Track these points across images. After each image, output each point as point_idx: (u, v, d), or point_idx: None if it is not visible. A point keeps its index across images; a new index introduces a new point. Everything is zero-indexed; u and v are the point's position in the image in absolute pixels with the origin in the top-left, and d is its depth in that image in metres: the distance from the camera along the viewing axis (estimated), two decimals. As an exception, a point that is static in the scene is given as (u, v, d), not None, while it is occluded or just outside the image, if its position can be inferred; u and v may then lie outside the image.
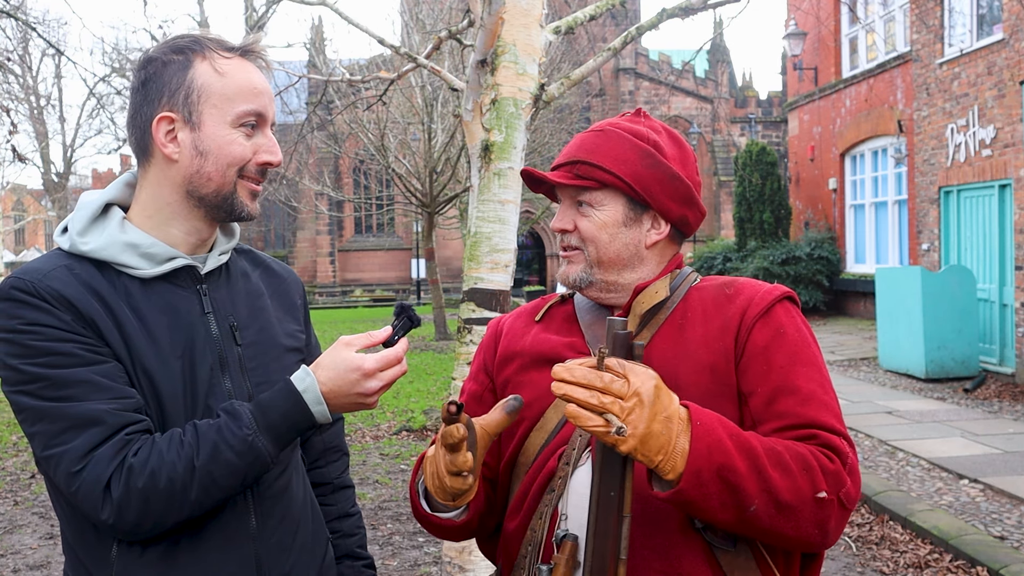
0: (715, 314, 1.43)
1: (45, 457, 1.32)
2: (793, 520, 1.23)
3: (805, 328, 1.44)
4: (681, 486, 1.19)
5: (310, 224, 34.54)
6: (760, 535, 1.27)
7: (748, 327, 1.40)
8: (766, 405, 1.35)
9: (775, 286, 1.47)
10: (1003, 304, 10.67)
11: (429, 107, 15.63)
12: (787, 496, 1.22)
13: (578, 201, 1.48)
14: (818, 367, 1.39)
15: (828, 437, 1.30)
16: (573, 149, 1.49)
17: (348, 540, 1.75)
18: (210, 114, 1.42)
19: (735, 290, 1.46)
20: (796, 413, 1.33)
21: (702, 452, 1.19)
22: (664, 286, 1.47)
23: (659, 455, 1.18)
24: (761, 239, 18.23)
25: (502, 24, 2.95)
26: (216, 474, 1.33)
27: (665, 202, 1.47)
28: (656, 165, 1.46)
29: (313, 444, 1.74)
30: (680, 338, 1.42)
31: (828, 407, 1.35)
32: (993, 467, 6.54)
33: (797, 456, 1.25)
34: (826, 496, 1.24)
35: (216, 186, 1.44)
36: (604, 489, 1.20)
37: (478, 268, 3.04)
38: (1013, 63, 10.32)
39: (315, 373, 1.39)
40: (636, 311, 1.46)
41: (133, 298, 1.40)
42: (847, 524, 5.56)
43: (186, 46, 1.44)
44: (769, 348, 1.38)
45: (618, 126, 1.50)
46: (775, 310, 1.42)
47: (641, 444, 1.16)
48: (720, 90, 35.09)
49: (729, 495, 1.21)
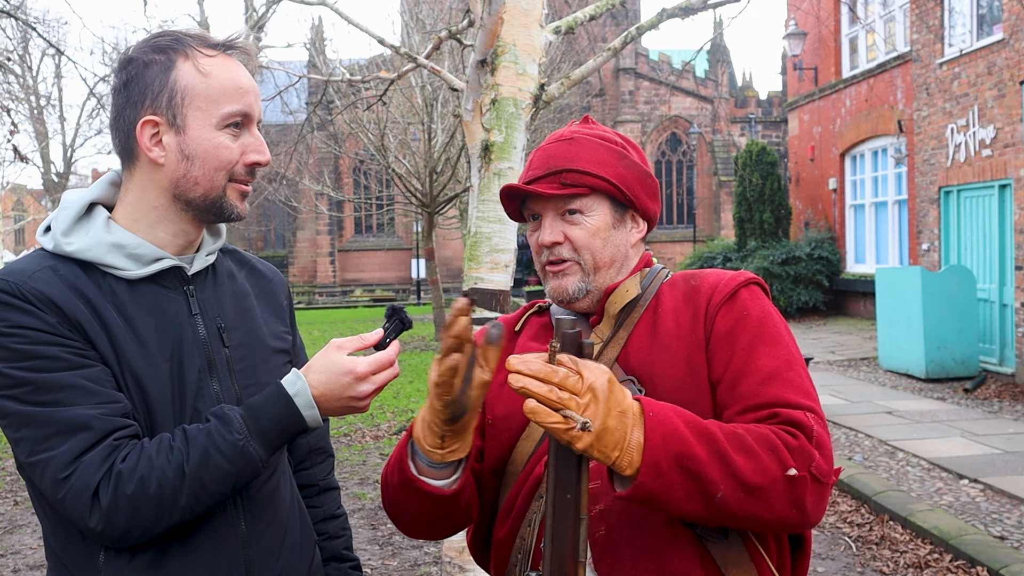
0: (685, 306, 1.43)
1: (30, 463, 1.29)
2: (765, 502, 1.21)
3: (771, 309, 1.42)
4: (640, 479, 1.17)
5: (310, 224, 34.53)
6: (735, 522, 1.24)
7: (713, 314, 1.39)
8: (729, 388, 1.34)
9: (740, 272, 1.46)
10: (1003, 304, 10.67)
11: (429, 107, 15.62)
12: (754, 478, 1.20)
13: (566, 211, 1.45)
14: (783, 344, 1.37)
15: (790, 413, 1.28)
16: (549, 160, 1.46)
17: (335, 542, 1.74)
18: (195, 116, 1.38)
19: (700, 279, 1.46)
20: (756, 393, 1.31)
21: (657, 442, 1.17)
22: (635, 284, 1.47)
23: (615, 451, 1.16)
24: (761, 239, 18.23)
25: (502, 24, 2.95)
26: (206, 480, 1.31)
27: (644, 200, 1.49)
28: (632, 165, 1.48)
29: (299, 446, 1.72)
30: (655, 334, 1.42)
31: (791, 383, 1.33)
32: (993, 467, 6.53)
33: (760, 437, 1.23)
34: (797, 473, 1.21)
35: (204, 190, 1.41)
36: (560, 491, 1.18)
37: (478, 268, 3.04)
38: (1013, 63, 10.32)
39: (306, 376, 1.37)
40: (609, 312, 1.45)
41: (119, 300, 1.37)
42: (847, 519, 5.55)
43: (167, 45, 1.40)
44: (732, 332, 1.37)
45: (581, 132, 1.49)
46: (739, 295, 1.41)
47: (597, 440, 1.14)
48: (720, 90, 35.09)
49: (693, 484, 1.18)
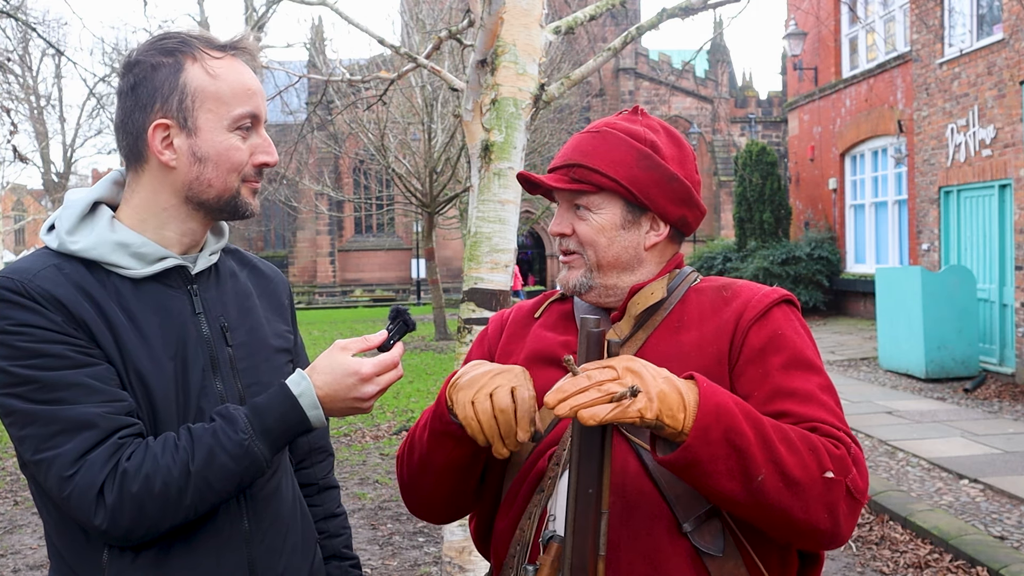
0: (711, 317, 1.41)
1: (35, 461, 1.29)
2: (802, 499, 1.20)
3: (804, 331, 1.41)
4: (688, 442, 1.15)
5: (310, 224, 34.54)
6: (767, 514, 1.22)
7: (744, 330, 1.37)
8: (763, 405, 1.32)
9: (774, 289, 1.44)
10: (1003, 304, 10.67)
11: (429, 107, 15.63)
12: (795, 471, 1.19)
13: (575, 204, 1.46)
14: (817, 371, 1.36)
15: (830, 430, 1.28)
16: (569, 152, 1.46)
17: (335, 540, 1.74)
18: (206, 119, 1.39)
19: (732, 292, 1.43)
20: (795, 412, 1.30)
21: (710, 410, 1.17)
22: (661, 287, 1.44)
23: (680, 412, 1.16)
24: (761, 239, 18.22)
25: (502, 24, 2.95)
26: (211, 479, 1.31)
27: (663, 204, 1.44)
28: (654, 167, 1.43)
29: (299, 445, 1.72)
30: (675, 340, 1.40)
31: (827, 408, 1.32)
32: (993, 467, 6.54)
33: (802, 436, 1.23)
34: (833, 476, 1.21)
35: (218, 192, 1.42)
36: (582, 486, 1.19)
37: (478, 268, 3.04)
38: (1013, 63, 10.32)
39: (311, 377, 1.37)
40: (631, 312, 1.43)
41: (124, 298, 1.38)
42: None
43: (175, 48, 1.40)
44: (766, 351, 1.35)
45: (615, 126, 1.47)
46: (772, 313, 1.39)
47: (661, 403, 1.14)
48: (720, 90, 35.09)
49: (736, 460, 1.17)
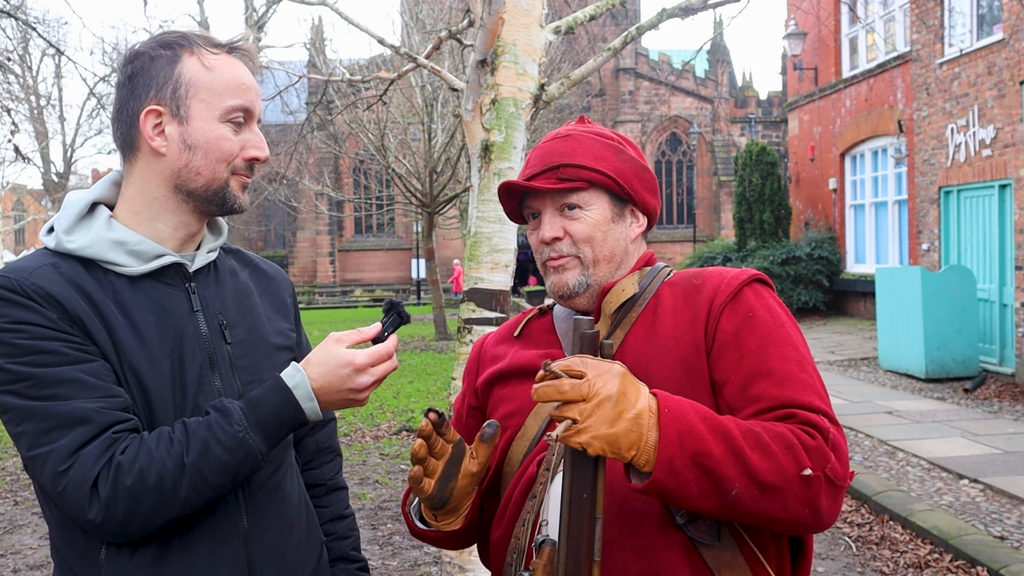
0: (684, 307, 1.41)
1: (31, 457, 1.30)
2: (780, 501, 1.21)
3: (779, 307, 1.40)
4: (654, 476, 1.17)
5: (310, 224, 34.53)
6: (748, 520, 1.24)
7: (716, 315, 1.37)
8: (741, 391, 1.32)
9: (743, 270, 1.44)
10: (1003, 304, 10.67)
11: (429, 107, 15.63)
12: (770, 477, 1.20)
13: (565, 205, 1.46)
14: (793, 345, 1.36)
15: (806, 415, 1.28)
16: (546, 156, 1.47)
17: (342, 543, 1.73)
18: (198, 108, 1.41)
19: (703, 280, 1.44)
20: (771, 395, 1.30)
21: (672, 439, 1.18)
22: (632, 283, 1.46)
23: (631, 451, 1.17)
24: (761, 239, 18.22)
25: (502, 24, 2.95)
26: (206, 472, 1.31)
27: (643, 194, 1.49)
28: (629, 159, 1.48)
29: (306, 445, 1.72)
30: (652, 335, 1.41)
31: (806, 384, 1.32)
32: (993, 467, 6.54)
33: (776, 436, 1.23)
34: (811, 473, 1.21)
35: (206, 180, 1.43)
36: (576, 491, 1.19)
37: (478, 268, 3.04)
38: (1013, 63, 10.33)
39: (305, 369, 1.38)
40: (605, 312, 1.45)
41: (120, 296, 1.38)
42: (847, 519, 5.55)
43: (174, 41, 1.43)
44: (739, 333, 1.36)
45: (577, 130, 1.51)
46: (743, 294, 1.39)
47: (610, 445, 1.16)
48: (720, 90, 35.09)
49: (707, 481, 1.19)
